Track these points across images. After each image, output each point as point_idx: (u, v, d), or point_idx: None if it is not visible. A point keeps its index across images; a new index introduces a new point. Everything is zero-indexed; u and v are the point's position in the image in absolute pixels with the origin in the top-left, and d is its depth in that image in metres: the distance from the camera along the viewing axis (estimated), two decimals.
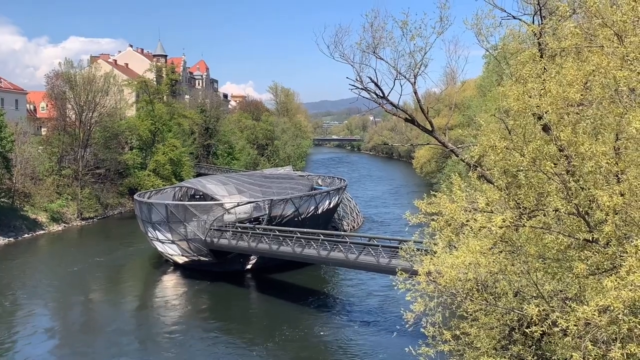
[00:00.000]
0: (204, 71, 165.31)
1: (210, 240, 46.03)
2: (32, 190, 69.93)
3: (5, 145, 62.03)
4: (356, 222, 68.56)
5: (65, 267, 51.87)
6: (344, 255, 36.91)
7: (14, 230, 62.69)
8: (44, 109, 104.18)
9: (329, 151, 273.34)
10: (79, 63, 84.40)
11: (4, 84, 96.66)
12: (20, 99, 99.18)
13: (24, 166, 68.73)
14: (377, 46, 23.40)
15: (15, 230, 62.90)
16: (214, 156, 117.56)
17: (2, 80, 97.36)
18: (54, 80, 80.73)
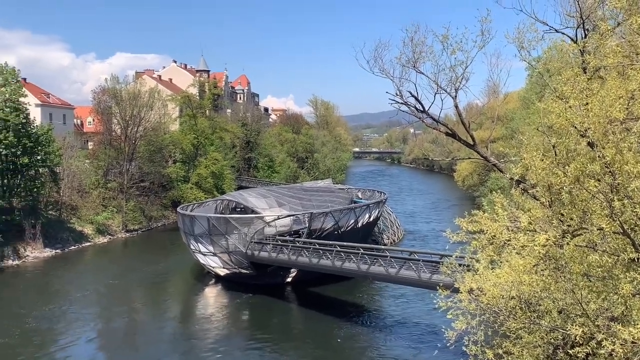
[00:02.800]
0: (246, 85, 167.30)
1: (251, 252, 46.43)
2: (79, 203, 71.77)
3: (53, 159, 63.79)
4: (396, 236, 68.16)
5: (110, 278, 52.99)
6: (384, 269, 36.76)
7: (61, 242, 64.35)
8: (91, 123, 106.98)
9: (369, 164, 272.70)
10: (124, 79, 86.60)
11: (53, 99, 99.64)
12: (68, 114, 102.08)
13: (71, 179, 70.66)
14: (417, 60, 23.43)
15: (62, 242, 64.57)
16: (254, 169, 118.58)
17: (51, 96, 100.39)
18: (100, 96, 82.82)
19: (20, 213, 60.45)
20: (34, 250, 59.98)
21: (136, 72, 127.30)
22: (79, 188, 72.79)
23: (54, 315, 41.99)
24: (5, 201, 58.35)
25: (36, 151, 61.17)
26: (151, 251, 66.14)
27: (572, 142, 13.64)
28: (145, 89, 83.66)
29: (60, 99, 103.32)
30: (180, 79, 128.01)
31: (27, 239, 59.87)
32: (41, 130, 63.31)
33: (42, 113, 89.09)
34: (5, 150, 58.52)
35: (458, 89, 22.75)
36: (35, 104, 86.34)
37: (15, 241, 58.67)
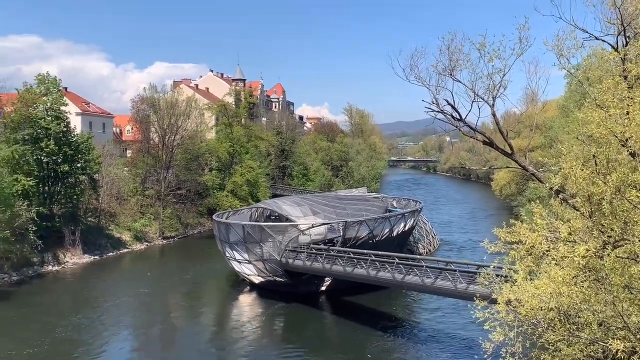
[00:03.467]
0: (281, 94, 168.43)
1: (285, 260, 46.53)
2: (117, 210, 73.05)
3: (93, 167, 65.09)
4: (432, 246, 67.54)
5: (147, 285, 53.71)
6: (420, 279, 36.43)
7: (99, 249, 65.52)
8: (129, 132, 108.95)
9: (404, 172, 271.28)
10: (162, 88, 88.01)
11: (93, 108, 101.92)
12: (107, 123, 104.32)
13: (110, 187, 72.00)
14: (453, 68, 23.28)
15: (100, 248, 65.74)
16: (289, 177, 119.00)
17: (91, 105, 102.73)
18: (139, 105, 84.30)
19: (60, 220, 61.75)
20: (73, 256, 61.19)
21: (174, 82, 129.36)
22: (117, 195, 74.13)
23: (90, 321, 42.66)
24: (46, 208, 59.68)
25: (76, 159, 62.48)
26: (187, 258, 66.84)
27: (612, 151, 13.36)
28: (183, 98, 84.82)
29: (100, 108, 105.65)
30: (217, 88, 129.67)
31: (66, 245, 61.13)
32: (81, 138, 64.71)
33: (83, 121, 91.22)
34: (47, 158, 59.96)
35: (496, 97, 22.53)
36: (75, 112, 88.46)
37: (55, 247, 59.96)
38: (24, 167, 57.45)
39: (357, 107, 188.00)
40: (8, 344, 36.49)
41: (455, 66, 22.89)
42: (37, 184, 59.07)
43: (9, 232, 52.31)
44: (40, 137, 59.53)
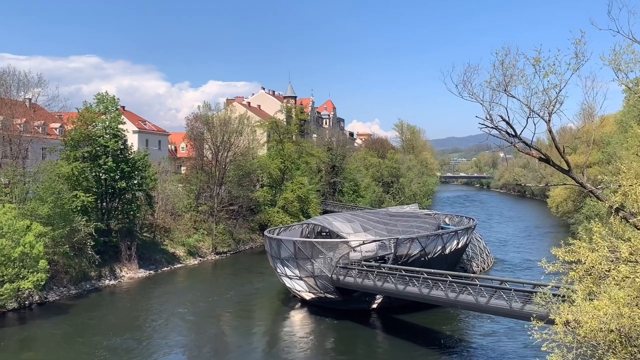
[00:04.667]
0: (331, 110, 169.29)
1: (336, 277, 46.39)
2: (172, 226, 74.49)
3: (149, 183, 66.68)
4: (486, 264, 66.22)
5: (199, 300, 54.41)
6: (474, 298, 35.74)
7: (154, 264, 66.86)
8: (184, 149, 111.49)
9: (457, 189, 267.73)
10: (216, 106, 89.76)
11: (149, 125, 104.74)
12: (163, 140, 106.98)
13: (165, 203, 73.60)
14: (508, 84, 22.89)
15: (155, 263, 67.08)
16: (339, 193, 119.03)
17: (147, 123, 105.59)
18: (193, 122, 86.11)
19: (117, 235, 63.38)
20: (129, 270, 62.60)
21: (227, 99, 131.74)
22: (172, 211, 75.65)
23: (140, 339, 43.34)
24: (104, 223, 61.38)
25: (133, 176, 64.17)
26: (239, 274, 67.45)
27: None
28: (235, 116, 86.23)
29: (156, 126, 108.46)
30: (269, 105, 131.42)
31: (123, 260, 62.62)
32: (138, 155, 66.46)
33: (139, 139, 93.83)
34: (105, 174, 61.80)
35: (552, 113, 22.00)
36: (133, 130, 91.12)
37: (112, 262, 61.52)
38: (83, 183, 59.24)
39: (408, 123, 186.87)
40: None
41: (510, 82, 22.50)
42: (95, 200, 60.84)
43: (68, 247, 54.00)
44: (99, 155, 61.43)
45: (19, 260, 44.14)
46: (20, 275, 44.23)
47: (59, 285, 53.44)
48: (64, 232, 52.97)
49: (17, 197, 51.85)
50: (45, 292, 50.46)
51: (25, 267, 44.65)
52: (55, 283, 52.78)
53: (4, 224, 44.54)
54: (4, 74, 57.29)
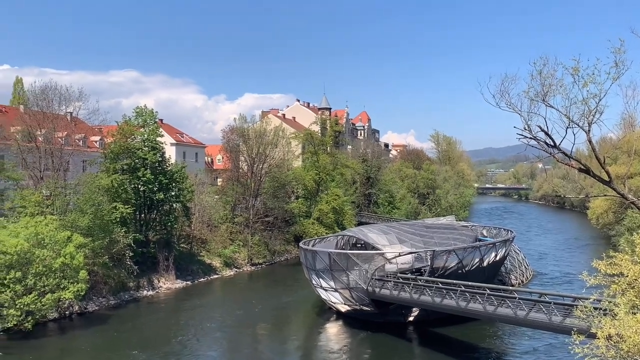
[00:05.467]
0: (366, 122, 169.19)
1: (372, 289, 46.09)
2: (208, 237, 75.18)
3: (186, 195, 67.50)
4: (525, 277, 65.02)
5: (235, 311, 54.67)
6: (512, 311, 35.15)
7: (191, 274, 67.50)
8: (220, 161, 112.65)
9: (494, 200, 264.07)
10: (251, 118, 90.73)
11: (186, 138, 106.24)
12: (200, 152, 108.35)
13: (202, 214, 74.34)
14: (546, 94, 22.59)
15: (192, 274, 67.72)
16: (374, 205, 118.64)
17: (185, 135, 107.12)
18: (229, 135, 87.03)
19: (155, 246, 64.22)
20: (167, 281, 63.31)
21: (262, 112, 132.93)
22: (208, 222, 76.36)
23: (181, 347, 43.80)
24: (142, 235, 62.25)
25: (171, 187, 65.04)
26: (274, 285, 67.61)
27: None
28: (271, 128, 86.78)
29: (193, 138, 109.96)
30: (303, 117, 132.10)
31: (160, 271, 63.37)
32: (175, 167, 67.41)
33: (177, 151, 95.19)
34: (144, 186, 62.82)
35: (591, 123, 21.63)
36: (170, 143, 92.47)
37: (150, 273, 62.31)
38: (122, 195, 60.24)
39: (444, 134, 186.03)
40: None
41: (548, 92, 22.21)
42: (134, 212, 61.86)
43: (107, 258, 54.94)
44: (138, 167, 62.47)
45: (59, 270, 45.02)
46: (61, 286, 45.06)
47: (99, 295, 54.31)
48: (103, 243, 53.93)
49: (59, 209, 52.99)
50: (85, 303, 51.31)
51: (66, 277, 45.52)
52: (94, 293, 53.63)
53: (45, 235, 45.55)
54: (46, 88, 58.73)
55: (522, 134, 22.94)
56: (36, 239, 44.93)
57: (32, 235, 44.75)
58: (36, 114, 58.30)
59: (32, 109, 60.41)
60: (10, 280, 42.54)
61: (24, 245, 43.27)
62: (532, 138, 22.78)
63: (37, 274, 43.73)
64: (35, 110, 59.17)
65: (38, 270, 43.77)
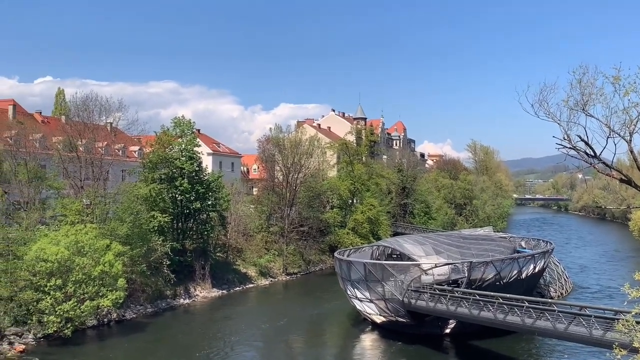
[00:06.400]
0: (402, 132, 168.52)
1: (407, 301, 45.68)
2: (244, 246, 75.63)
3: (222, 204, 68.11)
4: (564, 289, 63.69)
5: (270, 320, 54.69)
6: (552, 324, 34.45)
7: (227, 283, 67.93)
8: (256, 170, 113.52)
9: (533, 211, 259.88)
10: (287, 128, 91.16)
11: (222, 148, 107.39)
12: (236, 162, 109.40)
13: (238, 223, 74.84)
14: (586, 103, 22.15)
15: (228, 283, 68.14)
16: (410, 215, 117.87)
17: (221, 145, 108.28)
18: (265, 144, 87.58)
19: (191, 254, 64.85)
20: (203, 290, 63.82)
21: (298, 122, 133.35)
22: (244, 231, 76.83)
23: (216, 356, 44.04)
24: (179, 243, 62.98)
25: (207, 197, 65.70)
26: (309, 295, 67.57)
27: None
28: (306, 137, 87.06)
29: (229, 148, 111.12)
30: (338, 127, 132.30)
31: (197, 279, 63.93)
32: (212, 177, 68.12)
33: (213, 161, 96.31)
34: (181, 196, 63.61)
35: (633, 133, 21.09)
36: (207, 152, 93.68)
37: (187, 281, 62.91)
38: (160, 204, 61.07)
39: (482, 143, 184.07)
40: None
41: (588, 101, 21.75)
42: (171, 221, 62.63)
43: (145, 266, 55.67)
44: (175, 177, 63.32)
45: (98, 278, 45.74)
46: (100, 293, 45.74)
47: (136, 303, 55.03)
48: (141, 252, 54.66)
49: (98, 218, 53.97)
50: (122, 310, 52.03)
51: (105, 285, 46.20)
52: (132, 301, 54.34)
53: (85, 243, 46.39)
54: (87, 99, 59.96)
55: (562, 143, 22.50)
56: (76, 247, 45.76)
57: (72, 243, 45.61)
58: (77, 125, 59.53)
59: (74, 120, 61.69)
60: (51, 288, 43.44)
61: (65, 253, 44.14)
62: (571, 148, 22.31)
63: (76, 282, 44.52)
64: (77, 121, 60.41)
65: (78, 278, 44.56)
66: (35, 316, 43.82)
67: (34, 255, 43.94)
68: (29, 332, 43.83)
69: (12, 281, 44.37)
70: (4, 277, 44.47)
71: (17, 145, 57.68)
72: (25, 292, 43.77)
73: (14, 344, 42.18)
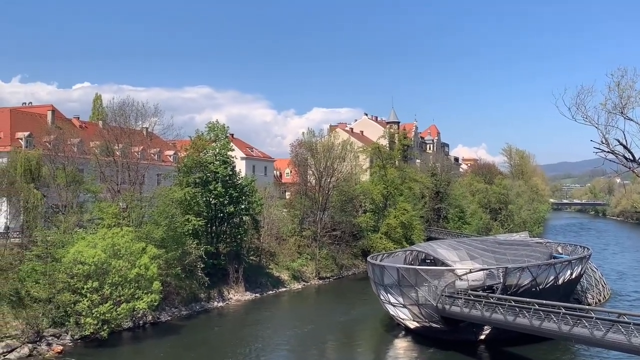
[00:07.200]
0: (435, 135, 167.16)
1: (441, 306, 45.21)
2: (277, 250, 75.93)
3: (255, 208, 68.50)
4: (602, 296, 62.34)
5: (302, 324, 54.71)
6: (589, 331, 33.73)
7: (260, 287, 68.23)
8: (289, 174, 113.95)
9: (570, 216, 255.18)
10: (319, 132, 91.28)
11: (256, 152, 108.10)
12: (269, 166, 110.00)
13: (270, 227, 75.22)
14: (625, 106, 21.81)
15: (261, 286, 68.44)
16: (444, 220, 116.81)
17: (254, 150, 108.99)
18: (297, 149, 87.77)
19: (225, 258, 65.35)
20: (237, 293, 64.24)
21: (330, 126, 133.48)
22: (276, 235, 77.17)
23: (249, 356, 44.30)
24: (213, 247, 63.53)
25: (241, 201, 66.18)
26: (342, 299, 67.43)
27: None
28: (338, 142, 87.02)
29: (262, 152, 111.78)
30: (371, 131, 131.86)
31: (230, 283, 64.40)
32: (245, 181, 68.62)
33: (247, 165, 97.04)
34: (215, 199, 64.17)
35: None
36: (240, 157, 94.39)
37: (220, 284, 63.40)
38: (195, 208, 61.66)
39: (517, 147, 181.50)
40: None
41: (627, 104, 21.39)
42: (205, 224, 63.21)
43: (180, 269, 56.27)
44: (209, 180, 63.95)
45: (134, 281, 46.37)
46: (136, 296, 46.37)
47: (171, 306, 55.63)
48: (176, 255, 55.27)
49: (134, 221, 54.76)
50: (158, 313, 52.63)
51: (140, 288, 46.82)
52: (167, 304, 54.94)
53: (121, 246, 47.10)
54: (124, 105, 61.01)
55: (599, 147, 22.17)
56: (113, 250, 46.47)
57: (109, 246, 46.34)
58: (114, 130, 60.60)
59: (111, 125, 62.73)
60: (88, 290, 44.24)
61: (101, 256, 44.91)
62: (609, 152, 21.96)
63: (113, 284, 45.21)
64: (113, 126, 61.50)
65: (114, 281, 45.26)
66: (73, 318, 44.66)
67: (72, 258, 44.84)
68: (66, 333, 44.71)
69: (51, 283, 45.36)
70: (43, 279, 45.48)
71: (56, 150, 58.90)
72: (63, 294, 44.69)
73: (52, 345, 43.09)
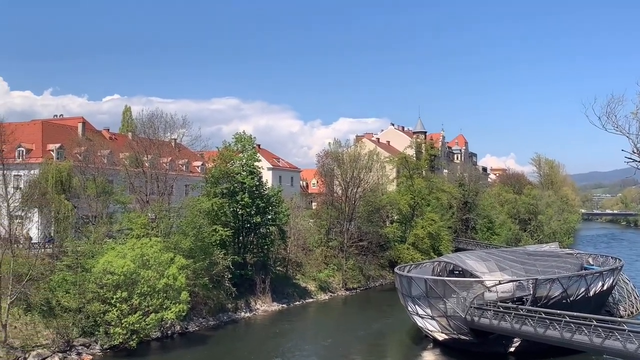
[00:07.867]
0: (463, 145, 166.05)
1: (470, 318, 44.67)
2: (303, 260, 75.94)
3: (282, 218, 68.62)
4: (635, 308, 60.96)
5: (329, 336, 54.54)
6: (622, 344, 33.14)
7: (287, 297, 68.21)
8: (315, 185, 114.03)
9: (601, 227, 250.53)
10: (346, 142, 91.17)
11: (282, 163, 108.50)
12: (295, 176, 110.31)
13: (297, 238, 75.27)
14: None
15: (288, 297, 68.42)
16: (472, 231, 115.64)
17: (281, 160, 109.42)
18: (324, 159, 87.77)
19: (252, 268, 65.50)
20: (264, 303, 64.30)
21: (357, 136, 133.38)
22: (303, 246, 77.20)
23: None
24: (240, 257, 63.73)
25: (267, 211, 66.39)
26: (369, 310, 67.05)
27: None
28: (365, 152, 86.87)
29: (289, 163, 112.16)
30: (398, 141, 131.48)
31: (257, 293, 64.50)
32: (272, 191, 68.84)
33: (273, 176, 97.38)
34: (242, 210, 64.46)
35: None
36: (267, 167, 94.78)
37: (247, 294, 63.56)
38: (222, 218, 62.08)
39: (547, 157, 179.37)
40: None
41: None
42: (232, 234, 63.49)
43: (207, 279, 56.54)
44: (237, 191, 64.30)
45: (163, 291, 46.69)
46: (164, 306, 46.64)
47: (199, 316, 55.90)
48: (203, 265, 55.60)
49: (163, 231, 55.28)
50: (185, 323, 52.93)
51: (169, 298, 47.10)
52: (195, 314, 55.21)
53: (150, 256, 47.51)
54: (152, 116, 61.79)
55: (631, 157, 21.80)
56: (141, 260, 46.89)
57: (138, 256, 46.77)
58: (143, 141, 61.37)
59: (140, 136, 63.62)
60: (117, 300, 44.68)
61: (131, 266, 45.33)
62: None
63: (141, 294, 45.59)
64: (143, 137, 62.29)
65: (143, 291, 45.63)
66: (102, 327, 45.14)
67: (102, 268, 45.36)
68: (96, 342, 45.21)
69: (81, 293, 45.89)
70: (73, 289, 46.04)
71: (86, 161, 59.94)
72: (93, 304, 45.22)
73: (82, 354, 43.64)
